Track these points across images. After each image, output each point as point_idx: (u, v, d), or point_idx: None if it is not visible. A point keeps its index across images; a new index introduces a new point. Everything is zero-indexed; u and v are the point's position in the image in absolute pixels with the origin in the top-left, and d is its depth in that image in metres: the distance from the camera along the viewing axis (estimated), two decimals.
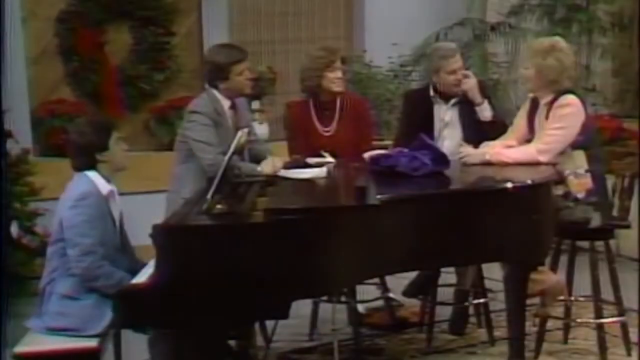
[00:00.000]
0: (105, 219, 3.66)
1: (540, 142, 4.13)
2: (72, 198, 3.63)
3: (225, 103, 4.30)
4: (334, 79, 4.54)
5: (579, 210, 4.06)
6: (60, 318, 3.55)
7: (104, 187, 3.69)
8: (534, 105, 4.27)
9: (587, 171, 4.09)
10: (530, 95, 4.34)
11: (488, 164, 4.14)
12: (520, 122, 4.35)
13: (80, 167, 3.71)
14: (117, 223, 3.78)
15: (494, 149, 4.20)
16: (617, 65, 7.73)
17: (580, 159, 4.10)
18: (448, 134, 4.56)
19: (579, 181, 4.07)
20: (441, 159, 4.00)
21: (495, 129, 4.45)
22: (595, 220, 4.10)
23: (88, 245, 3.54)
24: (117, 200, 3.80)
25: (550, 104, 4.15)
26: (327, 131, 4.61)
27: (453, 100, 4.63)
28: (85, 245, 3.54)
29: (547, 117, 4.15)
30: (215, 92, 4.29)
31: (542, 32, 6.95)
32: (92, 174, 3.69)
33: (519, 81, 6.87)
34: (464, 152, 4.23)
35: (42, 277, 3.70)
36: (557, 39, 4.44)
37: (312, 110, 4.63)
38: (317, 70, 4.54)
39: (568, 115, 4.10)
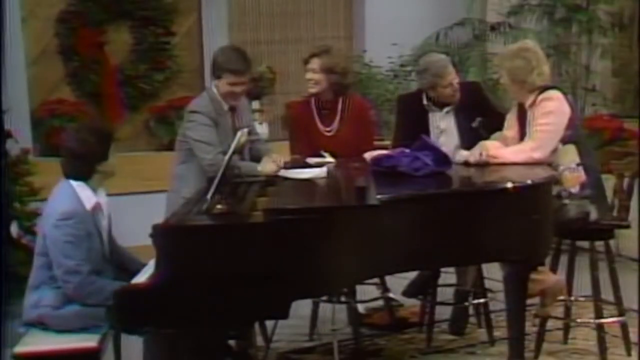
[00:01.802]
0: (90, 235, 3.57)
1: (531, 140, 4.13)
2: (55, 215, 3.53)
3: (225, 103, 4.30)
4: (307, 79, 4.54)
5: (575, 206, 4.07)
6: (62, 326, 3.54)
7: (89, 200, 3.60)
8: (522, 110, 4.28)
9: (578, 165, 4.10)
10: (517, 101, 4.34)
11: (486, 163, 4.14)
12: (509, 132, 4.34)
13: (74, 176, 3.61)
14: (105, 234, 3.72)
15: (489, 152, 4.18)
16: (617, 65, 7.73)
17: (572, 153, 4.11)
18: (444, 141, 4.53)
19: (573, 175, 4.08)
20: (443, 160, 4.00)
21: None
22: (593, 213, 4.10)
23: (72, 266, 3.49)
24: (104, 210, 3.73)
25: (534, 103, 4.16)
26: (329, 131, 4.61)
27: (447, 108, 4.61)
28: (69, 267, 3.50)
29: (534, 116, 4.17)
30: (215, 91, 4.29)
31: (542, 32, 6.97)
32: (77, 185, 3.60)
33: None
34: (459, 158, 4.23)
35: (30, 280, 3.66)
36: (526, 41, 4.53)
37: (314, 109, 4.63)
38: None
39: (553, 110, 4.12)
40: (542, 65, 4.22)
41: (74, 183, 3.60)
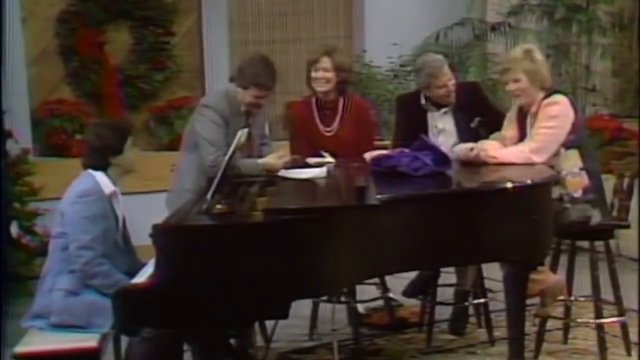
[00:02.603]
0: (106, 217, 3.69)
1: (532, 142, 4.13)
2: (74, 194, 3.67)
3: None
4: (316, 78, 4.54)
5: (577, 210, 4.07)
6: (65, 315, 3.57)
7: (107, 186, 3.72)
8: (522, 112, 4.27)
9: (581, 169, 4.09)
10: (519, 103, 4.29)
11: (484, 163, 4.14)
12: (508, 132, 4.33)
13: (90, 167, 3.74)
14: (120, 223, 3.80)
15: (488, 152, 4.18)
16: (617, 65, 7.73)
17: (574, 158, 4.11)
18: (443, 141, 4.53)
19: (575, 180, 4.08)
20: (443, 160, 4.00)
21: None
22: (596, 218, 4.11)
23: (87, 241, 3.58)
24: (120, 201, 3.82)
25: (538, 106, 4.15)
26: (329, 131, 4.61)
27: (445, 109, 4.62)
28: (83, 241, 3.58)
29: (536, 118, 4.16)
30: (236, 95, 4.25)
31: (542, 32, 6.97)
32: (97, 174, 3.73)
33: None
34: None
35: (42, 271, 3.73)
36: (527, 44, 4.50)
37: (314, 109, 4.63)
38: (307, 67, 4.58)
39: (557, 115, 4.11)
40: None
41: (93, 172, 3.73)
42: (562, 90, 4.29)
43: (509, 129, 4.34)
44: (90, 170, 3.74)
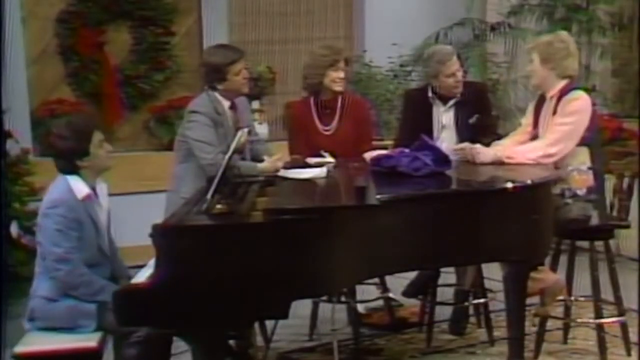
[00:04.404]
0: (81, 224, 3.56)
1: (549, 134, 4.11)
2: (45, 205, 3.58)
3: (225, 103, 4.30)
4: (336, 78, 4.54)
5: (577, 207, 4.07)
6: (47, 321, 3.54)
7: (81, 191, 3.59)
8: (541, 100, 4.27)
9: (589, 168, 4.09)
10: (539, 92, 4.33)
11: (499, 163, 4.14)
12: (525, 120, 4.36)
13: (62, 171, 3.64)
14: (102, 226, 3.70)
15: (506, 150, 4.18)
16: (617, 65, 7.73)
17: (584, 155, 4.11)
18: (446, 136, 4.57)
19: (581, 177, 4.08)
20: (443, 160, 4.00)
21: (487, 135, 4.46)
22: (594, 218, 4.11)
23: (61, 253, 3.50)
24: (103, 203, 3.73)
25: (558, 98, 4.14)
26: (327, 130, 4.62)
27: (451, 102, 4.63)
28: (58, 254, 3.50)
29: (554, 112, 4.14)
30: (214, 92, 4.30)
31: (542, 32, 6.97)
32: (71, 178, 3.61)
33: (518, 81, 6.89)
34: (475, 150, 4.21)
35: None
36: (562, 32, 4.49)
37: (313, 109, 4.64)
38: (319, 69, 4.55)
39: (577, 111, 4.10)
40: (575, 56, 4.24)
41: (67, 176, 3.63)
42: (583, 86, 4.27)
43: (528, 116, 4.36)
44: (65, 176, 3.62)
